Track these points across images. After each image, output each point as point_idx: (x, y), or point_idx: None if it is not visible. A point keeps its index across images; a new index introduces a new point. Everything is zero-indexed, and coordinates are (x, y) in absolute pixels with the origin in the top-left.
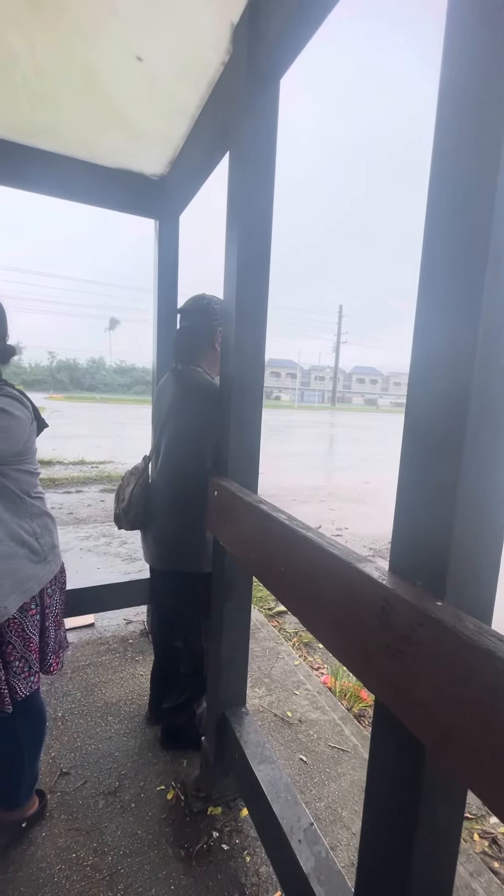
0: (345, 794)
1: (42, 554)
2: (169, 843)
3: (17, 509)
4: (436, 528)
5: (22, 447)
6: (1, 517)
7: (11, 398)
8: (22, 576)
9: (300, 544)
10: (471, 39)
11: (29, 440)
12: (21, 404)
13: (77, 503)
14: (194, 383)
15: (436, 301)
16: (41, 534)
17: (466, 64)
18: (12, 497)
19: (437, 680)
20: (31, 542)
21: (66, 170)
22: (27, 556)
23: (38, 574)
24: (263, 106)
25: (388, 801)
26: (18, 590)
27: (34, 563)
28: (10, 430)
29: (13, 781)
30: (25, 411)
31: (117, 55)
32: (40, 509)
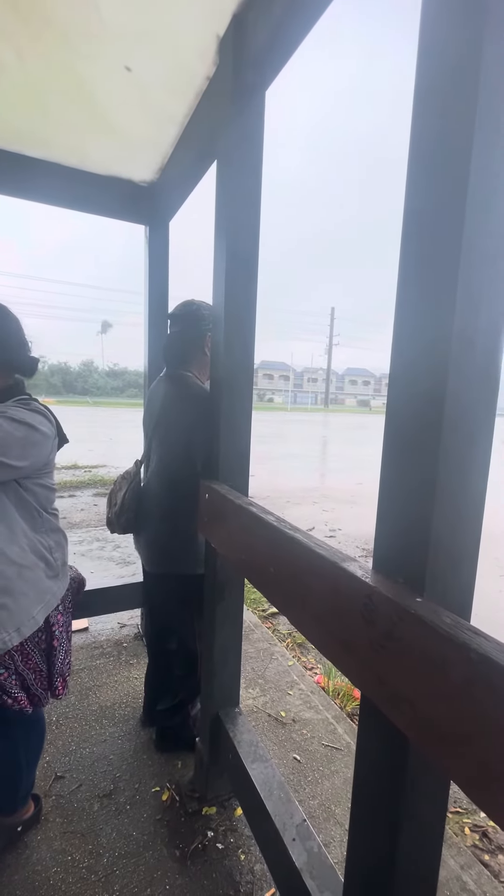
0: (338, 792)
1: (56, 569)
2: (164, 844)
3: (35, 523)
4: (415, 527)
5: (46, 462)
6: (22, 529)
7: (40, 414)
8: (43, 588)
9: (288, 545)
10: (442, 45)
11: (51, 455)
12: (48, 420)
13: (70, 507)
14: (185, 388)
15: (412, 306)
16: (55, 548)
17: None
18: (31, 511)
19: (418, 673)
20: (47, 557)
21: (56, 177)
22: (44, 569)
23: (52, 589)
24: (249, 116)
25: (374, 793)
26: (42, 601)
27: (49, 577)
28: (38, 446)
29: (10, 788)
30: (51, 427)
31: (106, 65)
32: (55, 525)
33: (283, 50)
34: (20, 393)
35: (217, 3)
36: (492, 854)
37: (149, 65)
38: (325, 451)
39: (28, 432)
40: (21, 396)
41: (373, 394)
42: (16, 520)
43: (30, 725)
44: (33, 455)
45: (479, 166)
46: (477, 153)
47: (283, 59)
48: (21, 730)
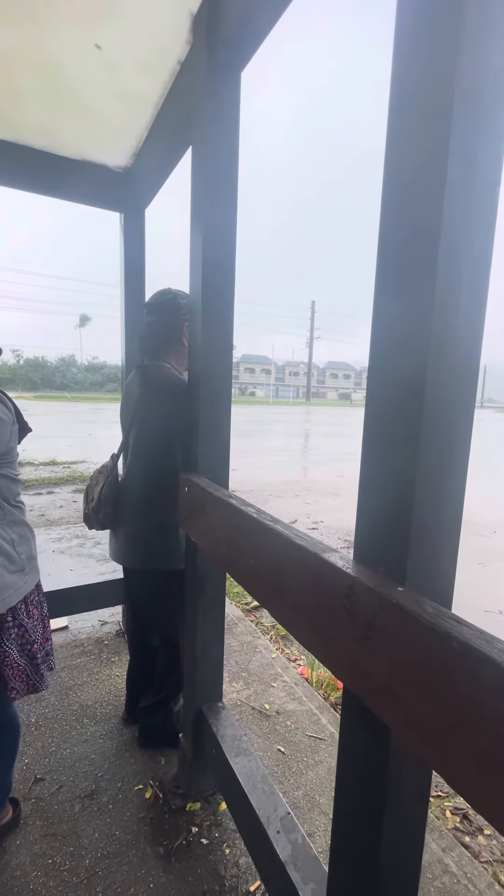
0: (322, 782)
1: (19, 563)
2: (148, 842)
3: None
4: (396, 516)
5: (4, 450)
6: None
7: None
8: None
9: (268, 536)
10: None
11: (11, 444)
12: (3, 405)
13: (48, 504)
14: (162, 379)
15: (390, 297)
16: (18, 542)
17: (413, 55)
18: None
19: (399, 663)
20: (7, 550)
21: (25, 160)
22: (3, 564)
23: (16, 584)
24: (225, 98)
25: (357, 785)
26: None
27: (11, 572)
28: None
29: None
30: (7, 413)
31: (74, 42)
32: (18, 518)
33: (258, 28)
34: None
35: None
36: (472, 836)
37: (120, 43)
38: (307, 444)
39: None
40: None
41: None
42: None
43: (2, 728)
44: None
45: (457, 157)
46: (455, 142)
47: (259, 37)
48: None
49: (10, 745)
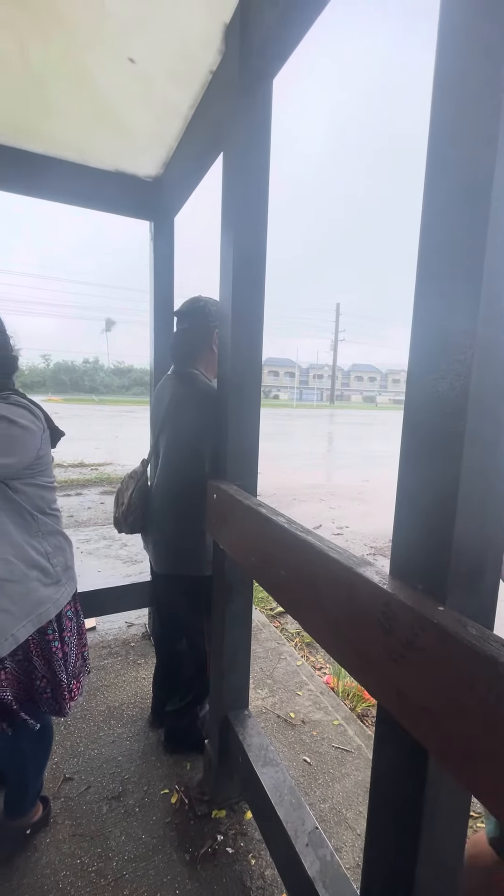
0: (349, 795)
1: (54, 576)
2: (173, 848)
3: (28, 527)
4: (436, 532)
5: (33, 459)
6: (11, 536)
7: (20, 407)
8: (34, 599)
9: (300, 548)
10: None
11: (41, 451)
12: (31, 413)
13: (77, 506)
14: (192, 386)
15: (433, 300)
16: (53, 553)
17: (461, 50)
18: (23, 514)
19: (440, 686)
20: (42, 563)
21: (59, 173)
22: (38, 578)
23: (52, 597)
24: (257, 105)
25: (392, 807)
26: (32, 614)
27: (46, 585)
28: (20, 441)
29: (19, 792)
30: (36, 421)
31: (109, 57)
32: (53, 528)
33: (291, 36)
34: (5, 388)
35: None
36: None
37: (153, 56)
38: (330, 448)
39: (6, 426)
40: (2, 392)
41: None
42: (2, 527)
43: (38, 732)
44: (17, 451)
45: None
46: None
47: (292, 45)
48: (29, 735)
49: (43, 747)
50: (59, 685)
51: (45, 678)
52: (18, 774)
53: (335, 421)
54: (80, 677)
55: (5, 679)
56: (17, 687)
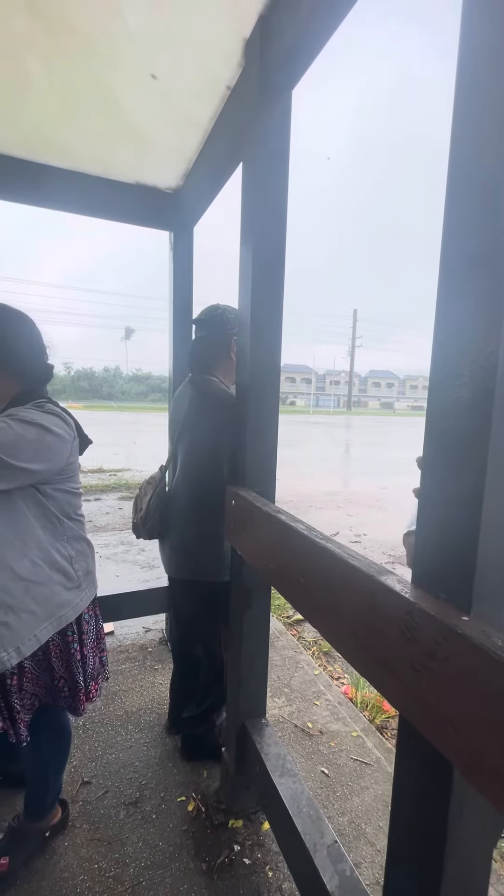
0: (368, 809)
1: (76, 580)
2: (190, 856)
3: (55, 531)
4: (460, 540)
5: (63, 465)
6: (39, 539)
7: (54, 415)
8: (56, 602)
9: (320, 555)
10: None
11: (71, 458)
12: (63, 421)
13: (96, 511)
14: (210, 393)
15: (455, 306)
16: (76, 558)
17: (484, 56)
18: (51, 518)
19: (466, 698)
20: (65, 567)
21: (81, 186)
22: (61, 581)
23: (72, 601)
24: (276, 116)
25: (414, 821)
26: (53, 616)
27: (68, 589)
28: (52, 448)
29: (38, 794)
30: (68, 429)
31: (132, 74)
32: (78, 533)
33: (310, 48)
34: (38, 397)
35: (242, 6)
36: None
37: (174, 71)
38: (347, 455)
39: (40, 434)
40: (38, 400)
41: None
42: (31, 530)
43: (57, 733)
44: (49, 458)
45: None
46: None
47: (311, 56)
48: (48, 738)
49: (62, 750)
50: (76, 686)
51: (62, 679)
52: (38, 775)
53: (352, 427)
54: (99, 680)
55: (27, 681)
56: (37, 684)
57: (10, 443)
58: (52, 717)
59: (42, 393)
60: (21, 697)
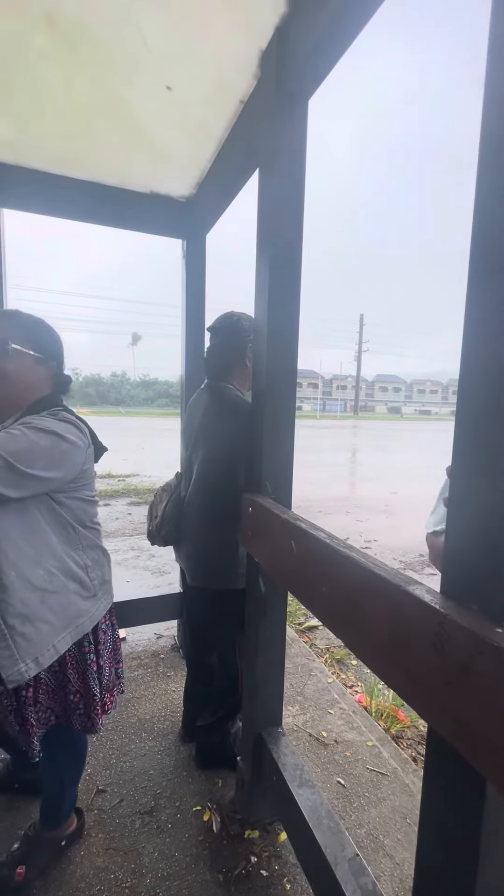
0: (386, 821)
1: (92, 589)
2: (207, 867)
3: (70, 540)
4: (493, 548)
5: (77, 473)
6: (53, 548)
7: (68, 423)
8: (73, 612)
9: (343, 565)
10: None
11: (85, 466)
12: (77, 429)
13: (105, 516)
14: (226, 400)
15: (487, 306)
16: (92, 567)
17: None
18: (66, 527)
19: (502, 713)
20: (81, 576)
21: (97, 196)
22: (77, 591)
23: (89, 610)
24: (292, 126)
25: (446, 835)
26: (70, 626)
27: (84, 598)
28: (67, 456)
29: (54, 803)
30: (82, 436)
31: (148, 86)
32: (93, 541)
33: (328, 58)
34: (55, 404)
35: (260, 18)
36: None
37: (190, 83)
38: (355, 459)
39: (54, 441)
40: (53, 408)
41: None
42: (46, 538)
43: (72, 743)
44: (63, 466)
45: None
46: None
47: (329, 66)
48: (63, 747)
49: (78, 759)
50: (93, 699)
51: (78, 693)
52: (54, 784)
53: (359, 432)
54: (114, 692)
55: (42, 693)
56: (52, 698)
57: (25, 451)
58: (66, 729)
59: (58, 402)
60: (36, 710)
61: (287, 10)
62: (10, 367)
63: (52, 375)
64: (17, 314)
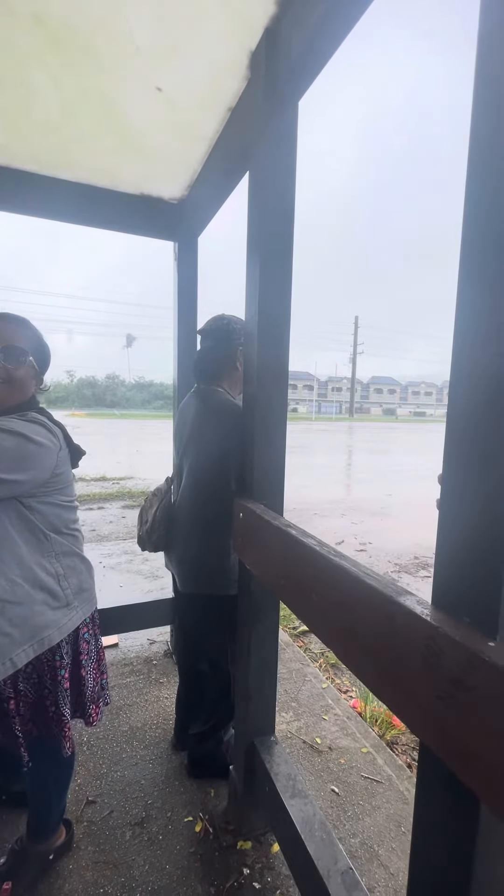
0: (380, 830)
1: (63, 599)
2: (198, 880)
3: (41, 546)
4: (485, 558)
5: (48, 477)
6: (20, 556)
7: (37, 424)
8: (37, 623)
9: (334, 573)
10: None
11: (58, 469)
12: (47, 430)
13: (99, 520)
14: (216, 404)
15: (478, 303)
16: (65, 575)
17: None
18: (36, 532)
19: (495, 730)
20: (50, 585)
21: (87, 197)
22: (45, 600)
23: (58, 621)
24: (282, 128)
25: (437, 855)
26: (33, 639)
27: (53, 608)
28: (35, 458)
29: (41, 815)
30: (53, 439)
31: (137, 87)
32: (69, 548)
33: (318, 59)
34: (31, 408)
35: (249, 19)
36: None
37: (180, 84)
38: (350, 462)
39: (20, 442)
40: (24, 411)
41: (399, 402)
42: (11, 546)
43: (58, 754)
44: (30, 468)
45: None
46: None
47: (318, 67)
48: (49, 758)
49: (65, 770)
50: (61, 720)
51: (52, 707)
52: (41, 797)
53: (354, 434)
54: (99, 703)
55: (24, 705)
56: (33, 709)
57: None
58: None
59: (34, 404)
60: (22, 722)
61: (276, 10)
62: (20, 374)
63: (39, 382)
64: (30, 324)
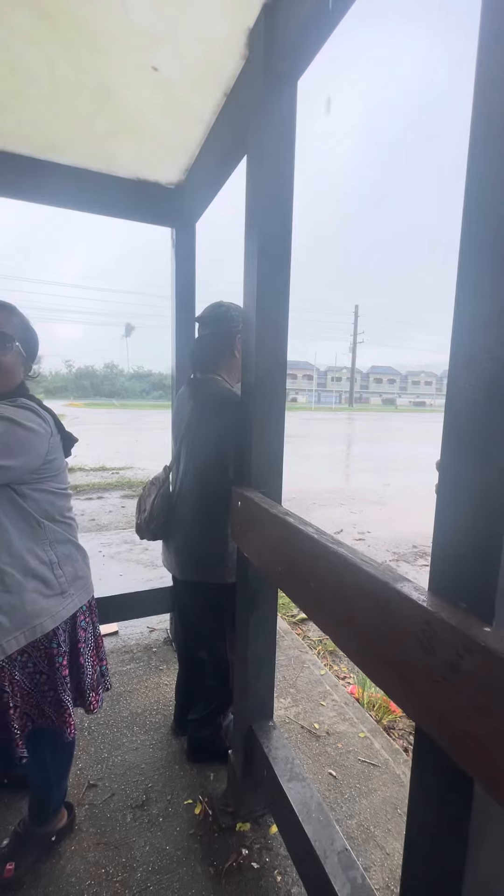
0: (377, 812)
1: (58, 587)
2: (198, 860)
3: (34, 534)
4: (482, 544)
5: (40, 463)
6: (11, 543)
7: (28, 409)
8: (29, 611)
9: (331, 560)
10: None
11: (50, 455)
12: (37, 416)
13: (98, 509)
14: (214, 392)
15: (478, 292)
16: (60, 563)
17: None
18: (29, 520)
19: (489, 713)
20: (43, 573)
21: (82, 182)
22: (37, 588)
23: (51, 609)
24: (281, 108)
25: (433, 835)
26: (25, 627)
27: (46, 596)
28: (26, 444)
29: (42, 798)
30: (44, 424)
31: (133, 68)
32: (63, 536)
33: (316, 37)
34: (21, 395)
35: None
36: None
37: (176, 64)
38: (350, 451)
39: (10, 428)
40: (13, 397)
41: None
42: (2, 533)
43: (57, 740)
44: (20, 453)
45: None
46: None
47: (317, 46)
48: (49, 744)
49: (66, 754)
50: (61, 706)
51: (51, 693)
52: (41, 781)
53: (354, 423)
54: (99, 690)
55: (19, 696)
56: (27, 701)
57: None
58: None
59: (24, 390)
60: (19, 716)
61: None
62: (7, 360)
63: (27, 369)
64: (17, 311)
